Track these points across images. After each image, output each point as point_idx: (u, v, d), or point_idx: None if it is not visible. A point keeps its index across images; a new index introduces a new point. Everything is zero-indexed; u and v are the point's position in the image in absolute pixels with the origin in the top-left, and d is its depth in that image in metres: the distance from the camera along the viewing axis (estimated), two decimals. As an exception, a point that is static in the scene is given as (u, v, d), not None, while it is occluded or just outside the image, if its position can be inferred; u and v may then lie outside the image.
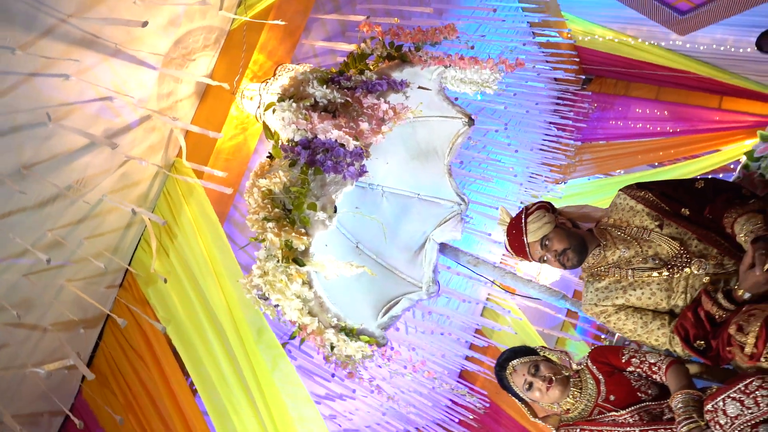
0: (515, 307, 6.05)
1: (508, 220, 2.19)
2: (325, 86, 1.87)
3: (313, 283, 1.77)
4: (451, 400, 5.98)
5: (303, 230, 1.62)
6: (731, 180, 2.13)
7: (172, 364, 2.41)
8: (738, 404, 1.50)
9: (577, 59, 6.14)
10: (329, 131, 1.69)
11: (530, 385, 2.01)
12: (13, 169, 1.97)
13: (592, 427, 1.89)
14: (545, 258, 2.07)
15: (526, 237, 2.07)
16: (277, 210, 1.64)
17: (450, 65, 2.04)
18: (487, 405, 6.32)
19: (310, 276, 1.73)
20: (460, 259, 2.51)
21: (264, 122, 1.99)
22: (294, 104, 1.82)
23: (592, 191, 6.05)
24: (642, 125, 6.18)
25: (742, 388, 1.50)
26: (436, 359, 5.40)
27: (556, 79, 5.96)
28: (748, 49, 5.01)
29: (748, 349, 1.49)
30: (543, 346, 2.15)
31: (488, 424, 6.49)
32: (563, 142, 5.87)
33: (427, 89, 2.04)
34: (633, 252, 1.92)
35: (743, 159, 2.03)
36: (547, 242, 2.04)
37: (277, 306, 1.81)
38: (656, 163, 6.30)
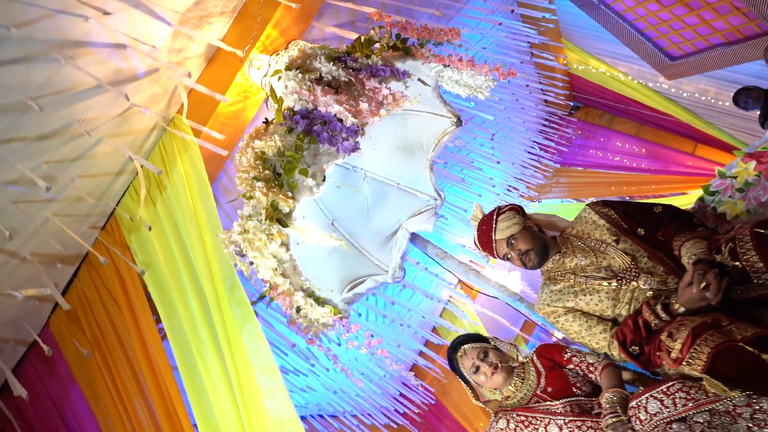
0: (473, 312, 6.24)
1: (480, 217, 2.34)
2: (331, 63, 1.94)
3: (290, 246, 1.85)
4: (399, 392, 6.14)
5: (290, 194, 1.70)
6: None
7: (144, 308, 2.45)
8: (658, 403, 1.64)
9: (569, 86, 6.35)
10: (330, 105, 1.77)
11: (477, 368, 2.16)
12: (20, 97, 2.02)
13: (527, 414, 2.04)
14: (509, 256, 2.22)
15: (495, 234, 2.22)
16: (267, 171, 1.72)
17: (449, 65, 2.14)
18: (433, 402, 6.49)
19: (288, 239, 1.82)
20: (429, 251, 2.64)
21: (271, 88, 2.07)
22: (300, 75, 1.90)
23: (562, 213, 6.26)
24: (620, 158, 6.43)
25: (664, 389, 1.66)
26: (391, 348, 5.54)
27: (546, 101, 6.16)
28: (726, 103, 5.26)
29: (674, 354, 1.63)
30: (495, 338, 2.30)
31: (430, 420, 6.66)
32: (544, 162, 6.08)
33: (426, 84, 2.15)
34: (589, 261, 2.09)
35: (701, 192, 2.22)
36: (513, 241, 2.20)
37: (251, 264, 1.89)
38: (627, 197, 6.55)
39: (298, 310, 1.97)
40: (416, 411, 6.10)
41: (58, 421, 2.63)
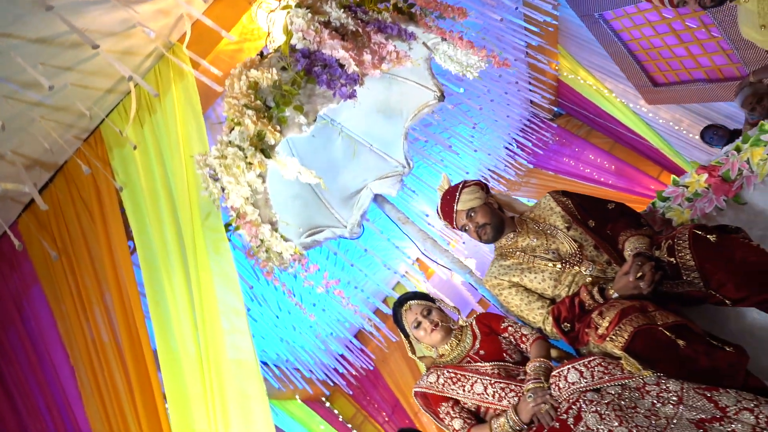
0: (425, 290, 6.45)
1: (446, 187, 2.51)
2: (342, 10, 1.97)
3: (266, 179, 1.92)
4: (341, 354, 6.36)
5: (278, 128, 1.77)
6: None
7: (117, 223, 2.45)
8: (578, 374, 1.83)
9: (556, 92, 6.53)
10: (336, 49, 1.81)
11: (419, 324, 2.33)
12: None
13: (457, 371, 2.22)
14: (467, 227, 2.40)
15: (457, 204, 2.40)
16: (258, 102, 1.78)
17: (447, 40, 2.19)
18: (371, 368, 6.74)
19: (266, 171, 1.88)
20: (391, 214, 2.80)
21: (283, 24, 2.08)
22: (309, 14, 1.92)
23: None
24: (590, 171, 6.68)
25: (585, 363, 1.85)
26: (339, 311, 5.73)
27: (531, 102, 6.33)
28: (696, 137, 5.52)
29: (600, 330, 1.82)
30: (441, 300, 2.48)
31: (365, 385, 6.90)
32: (518, 160, 6.28)
33: (429, 49, 2.19)
34: (540, 243, 2.28)
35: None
36: (472, 213, 2.38)
37: (224, 190, 1.93)
38: (589, 208, 6.80)
39: (262, 242, 2.07)
40: (354, 374, 6.33)
41: (15, 317, 2.61)
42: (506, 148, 6.25)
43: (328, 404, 6.72)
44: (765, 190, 2.05)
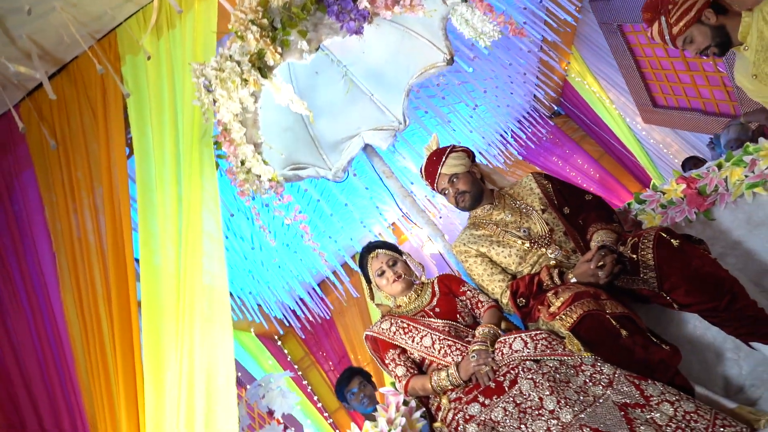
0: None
1: (434, 148, 2.51)
2: None
3: (259, 101, 1.89)
4: (302, 299, 6.41)
5: (279, 50, 1.75)
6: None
7: (119, 128, 2.40)
8: (523, 343, 1.88)
9: (560, 91, 6.52)
10: None
11: (382, 272, 2.36)
12: None
13: (410, 323, 2.26)
14: (446, 191, 2.41)
15: (442, 167, 2.40)
16: (265, 20, 1.75)
17: (468, 2, 2.12)
18: (327, 318, 6.82)
19: (260, 92, 1.86)
20: (377, 165, 2.78)
21: None
22: None
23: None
24: (575, 174, 6.72)
25: (532, 335, 1.90)
26: (309, 256, 5.75)
27: (535, 96, 6.31)
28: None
29: (552, 308, 1.86)
30: (409, 254, 2.49)
31: (318, 333, 6.98)
32: (510, 150, 6.29)
33: (447, 6, 2.12)
34: (513, 219, 2.31)
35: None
36: (455, 179, 2.39)
37: (215, 102, 1.89)
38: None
39: (243, 162, 2.04)
40: (310, 320, 6.40)
41: (4, 195, 2.56)
42: (501, 135, 6.25)
43: (279, 343, 6.80)
44: (734, 210, 2.10)
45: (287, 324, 6.24)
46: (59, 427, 2.13)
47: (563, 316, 1.82)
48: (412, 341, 2.22)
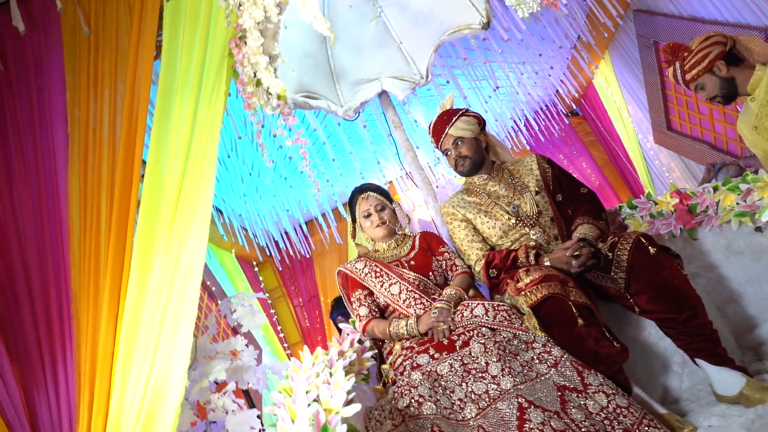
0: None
1: (448, 107, 2.46)
2: None
3: (284, 13, 1.83)
4: (287, 233, 6.42)
5: None
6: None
7: (152, 27, 2.36)
8: (484, 310, 1.89)
9: (582, 92, 6.41)
10: None
11: (369, 215, 2.35)
12: None
13: (383, 268, 2.26)
14: (449, 152, 2.38)
15: (450, 128, 2.36)
16: None
17: None
18: (307, 257, 6.86)
19: (285, 4, 1.80)
20: (388, 114, 2.75)
21: None
22: None
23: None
24: (576, 176, 6.66)
25: (495, 305, 1.91)
26: (306, 192, 5.74)
27: (557, 92, 6.21)
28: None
29: (520, 284, 1.87)
30: (399, 203, 2.47)
31: (295, 269, 7.02)
32: (519, 138, 6.22)
33: None
34: (506, 194, 2.29)
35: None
36: (459, 142, 2.35)
37: (240, 6, 1.84)
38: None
39: (255, 74, 2.00)
40: (290, 254, 6.43)
41: (30, 71, 2.50)
42: (514, 121, 6.17)
43: (257, 269, 6.85)
44: (717, 234, 2.09)
45: (268, 254, 6.27)
46: (45, 294, 2.15)
47: (528, 293, 1.83)
48: (381, 286, 2.23)
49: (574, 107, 6.80)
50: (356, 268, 2.31)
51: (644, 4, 4.87)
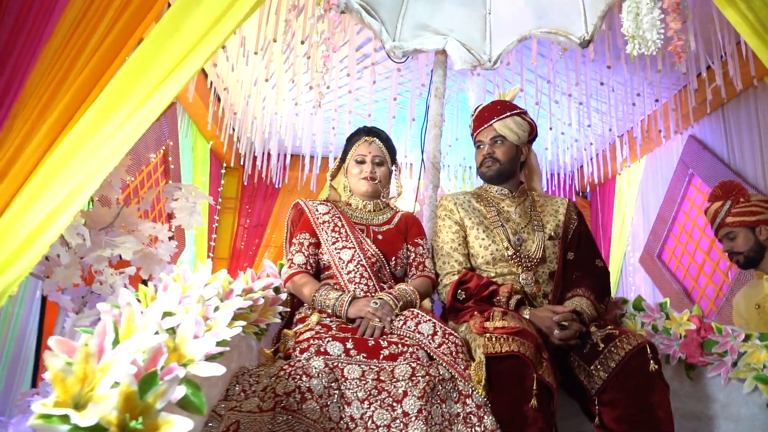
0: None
1: (508, 99, 2.00)
2: None
3: None
4: (269, 152, 5.88)
5: None
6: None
7: None
8: (432, 331, 1.48)
9: (602, 180, 5.95)
10: None
11: (362, 161, 1.88)
12: None
13: (346, 227, 1.80)
14: (481, 146, 1.93)
15: (497, 120, 1.90)
16: None
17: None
18: (276, 187, 6.35)
19: None
20: (436, 78, 2.26)
21: None
22: None
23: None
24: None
25: (446, 331, 1.48)
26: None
27: (581, 167, 5.81)
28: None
29: (489, 324, 1.45)
30: (400, 169, 2.00)
31: (259, 191, 6.53)
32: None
33: None
34: (519, 223, 1.87)
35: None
36: (499, 140, 1.90)
37: None
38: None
39: None
40: (261, 174, 5.89)
41: None
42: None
43: (223, 171, 6.28)
44: (721, 387, 1.64)
45: (241, 164, 5.72)
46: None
47: (494, 339, 1.39)
48: (333, 244, 1.75)
49: (583, 193, 6.37)
50: (316, 210, 1.83)
51: (703, 133, 4.54)
